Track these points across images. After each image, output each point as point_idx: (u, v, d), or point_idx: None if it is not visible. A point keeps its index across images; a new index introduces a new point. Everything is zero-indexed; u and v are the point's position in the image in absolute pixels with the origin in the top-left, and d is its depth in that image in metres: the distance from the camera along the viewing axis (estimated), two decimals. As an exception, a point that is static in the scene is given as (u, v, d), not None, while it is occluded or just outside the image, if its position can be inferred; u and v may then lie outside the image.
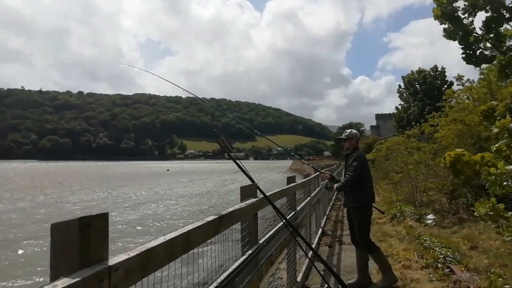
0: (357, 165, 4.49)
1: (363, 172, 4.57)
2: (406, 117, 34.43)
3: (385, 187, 15.11)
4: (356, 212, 4.59)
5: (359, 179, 4.51)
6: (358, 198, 4.54)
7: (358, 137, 4.81)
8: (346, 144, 4.75)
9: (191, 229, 1.44)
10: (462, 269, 4.84)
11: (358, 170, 4.47)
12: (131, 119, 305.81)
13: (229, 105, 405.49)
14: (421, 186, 10.50)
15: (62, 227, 0.90)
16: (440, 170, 10.09)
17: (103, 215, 0.98)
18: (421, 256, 5.72)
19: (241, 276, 2.03)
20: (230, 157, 3.19)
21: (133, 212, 18.08)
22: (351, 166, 4.51)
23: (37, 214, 17.86)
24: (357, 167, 4.48)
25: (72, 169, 73.34)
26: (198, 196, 25.98)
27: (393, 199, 11.17)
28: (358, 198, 4.54)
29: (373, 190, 4.78)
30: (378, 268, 4.75)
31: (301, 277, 4.66)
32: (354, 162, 4.50)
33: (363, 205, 4.59)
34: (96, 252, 0.93)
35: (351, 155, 4.64)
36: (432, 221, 8.11)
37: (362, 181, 4.55)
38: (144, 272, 1.10)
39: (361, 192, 4.54)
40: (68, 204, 21.65)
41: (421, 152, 10.64)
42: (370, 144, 54.63)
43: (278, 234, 3.20)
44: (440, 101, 12.47)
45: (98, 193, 28.00)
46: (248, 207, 2.38)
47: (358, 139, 4.81)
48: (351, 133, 4.78)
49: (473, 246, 5.91)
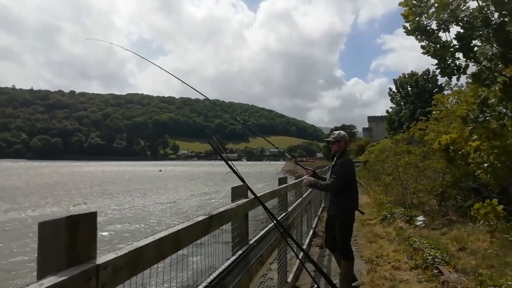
0: (344, 171, 4.36)
1: (349, 179, 4.46)
2: (397, 119, 34.69)
3: (376, 188, 15.23)
4: (341, 218, 4.43)
5: (347, 185, 4.40)
6: (344, 204, 4.40)
7: (347, 139, 4.66)
8: (334, 146, 4.59)
9: (181, 229, 1.45)
10: (450, 270, 4.90)
11: (345, 177, 4.35)
12: (123, 119, 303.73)
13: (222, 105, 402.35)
14: (411, 188, 10.61)
15: (50, 226, 0.90)
16: (430, 172, 10.21)
17: (92, 214, 0.98)
18: (410, 257, 5.78)
19: (231, 276, 2.04)
20: (222, 158, 3.20)
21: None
22: (337, 171, 4.38)
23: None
24: (344, 173, 4.35)
25: (74, 170, 69.43)
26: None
27: (384, 201, 11.25)
28: (344, 205, 4.40)
29: (357, 196, 4.66)
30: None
31: (291, 277, 4.68)
32: (342, 169, 4.37)
33: (349, 212, 4.48)
34: (84, 251, 0.94)
35: (339, 159, 4.51)
36: (422, 222, 8.20)
37: (349, 187, 4.44)
38: (133, 271, 1.10)
39: (349, 198, 4.43)
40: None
41: (411, 155, 10.76)
42: (362, 146, 55.03)
43: (269, 234, 3.22)
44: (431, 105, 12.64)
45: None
46: (239, 207, 2.39)
47: (347, 141, 4.67)
48: (339, 135, 4.62)
49: (461, 247, 5.98)
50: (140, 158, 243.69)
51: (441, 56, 4.83)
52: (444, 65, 4.89)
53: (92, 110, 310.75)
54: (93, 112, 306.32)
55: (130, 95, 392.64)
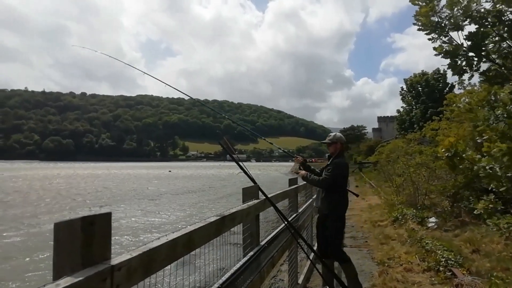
0: (338, 172, 4.29)
1: (342, 180, 4.38)
2: (408, 119, 34.36)
3: (387, 189, 15.09)
4: (334, 220, 4.30)
5: (340, 186, 4.33)
6: (337, 203, 4.32)
7: (343, 141, 4.58)
8: (331, 148, 4.51)
9: (194, 230, 1.44)
10: (464, 272, 4.82)
11: (337, 177, 4.28)
12: (133, 120, 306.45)
13: (231, 107, 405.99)
14: (422, 189, 10.48)
15: (65, 226, 0.91)
16: (441, 173, 10.07)
17: (106, 215, 0.98)
18: (422, 259, 5.70)
19: (243, 278, 2.03)
20: (233, 158, 3.20)
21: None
22: (331, 170, 4.30)
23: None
24: (337, 174, 4.28)
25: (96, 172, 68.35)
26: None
27: (395, 202, 11.14)
28: (337, 203, 4.32)
29: (348, 201, 4.52)
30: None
31: (302, 279, 4.65)
32: (336, 169, 4.29)
33: (342, 214, 4.40)
34: (99, 252, 0.94)
35: (334, 160, 4.43)
36: (434, 224, 8.09)
37: (343, 188, 4.38)
38: (147, 272, 1.10)
39: (340, 198, 4.36)
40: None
41: (423, 155, 10.63)
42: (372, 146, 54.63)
43: (280, 236, 3.20)
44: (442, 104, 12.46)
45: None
46: (250, 208, 2.38)
47: (343, 142, 4.58)
48: (335, 137, 4.54)
49: (475, 249, 5.89)
50: (150, 159, 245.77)
51: (453, 56, 4.76)
52: (455, 64, 4.82)
53: (102, 111, 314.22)
54: (104, 114, 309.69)
55: (139, 96, 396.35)
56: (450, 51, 4.79)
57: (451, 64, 4.98)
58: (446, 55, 4.87)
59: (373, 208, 12.33)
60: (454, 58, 4.86)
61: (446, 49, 4.81)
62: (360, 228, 9.23)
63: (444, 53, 4.87)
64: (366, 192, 18.75)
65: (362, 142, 67.12)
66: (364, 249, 7.05)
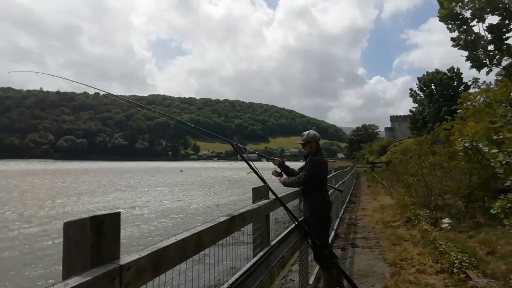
0: (314, 169, 4.13)
1: (319, 178, 4.20)
2: (421, 119, 33.91)
3: (399, 189, 14.91)
4: (316, 222, 4.06)
5: (317, 185, 4.14)
6: (319, 206, 4.11)
7: (318, 139, 4.38)
8: (306, 148, 4.33)
9: (203, 230, 1.44)
10: (479, 274, 4.73)
11: (313, 175, 4.10)
12: (145, 120, 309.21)
13: (242, 106, 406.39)
14: (436, 189, 10.32)
15: (74, 225, 0.91)
16: (455, 173, 9.90)
17: (115, 215, 0.98)
18: (436, 260, 5.61)
19: (253, 278, 2.03)
20: (243, 158, 3.20)
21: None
22: (307, 169, 4.15)
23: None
24: (313, 172, 4.11)
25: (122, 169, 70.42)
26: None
27: (407, 202, 11.00)
28: (320, 206, 4.11)
29: (329, 201, 4.38)
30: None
31: (313, 279, 4.63)
32: (312, 167, 4.13)
33: (324, 214, 4.17)
34: (108, 251, 0.94)
35: (311, 158, 4.24)
36: (447, 225, 7.96)
37: (322, 187, 4.21)
38: (156, 272, 1.10)
39: (323, 198, 4.18)
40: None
41: (436, 156, 10.47)
42: (385, 146, 54.04)
43: (291, 235, 3.19)
44: (456, 104, 12.26)
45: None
46: (260, 208, 2.37)
47: (318, 140, 4.38)
48: (308, 136, 4.35)
49: (490, 251, 5.77)
50: (162, 159, 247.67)
51: (472, 48, 4.64)
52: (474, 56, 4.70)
53: (115, 111, 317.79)
54: (117, 113, 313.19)
55: (151, 96, 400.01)
56: (469, 42, 4.67)
57: (470, 56, 4.85)
58: (465, 47, 4.75)
59: (385, 209, 12.19)
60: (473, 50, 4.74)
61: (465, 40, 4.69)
62: (372, 228, 9.13)
63: (463, 44, 4.75)
64: (378, 192, 18.55)
65: (374, 142, 66.49)
66: (376, 249, 6.98)
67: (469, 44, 4.66)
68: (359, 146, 76.79)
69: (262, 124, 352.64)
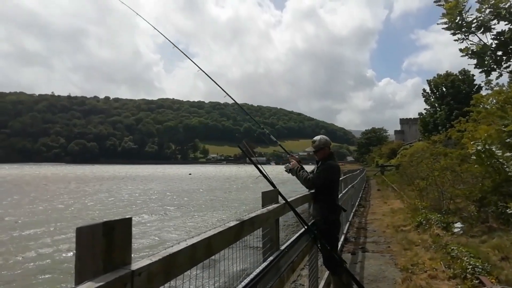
0: (326, 175, 4.11)
1: (331, 184, 4.17)
2: (432, 121, 33.55)
3: (410, 193, 14.74)
4: (323, 223, 4.02)
5: (328, 190, 4.12)
6: (328, 210, 4.08)
7: (329, 144, 4.36)
8: (319, 155, 4.30)
9: (213, 235, 1.45)
10: (493, 280, 4.64)
11: (325, 180, 4.09)
12: (155, 124, 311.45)
13: (251, 109, 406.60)
14: (447, 193, 10.18)
15: (87, 231, 0.92)
16: (467, 176, 9.76)
17: (127, 220, 0.99)
18: (448, 266, 5.53)
19: (263, 282, 2.02)
20: (252, 161, 3.20)
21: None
22: (320, 172, 4.14)
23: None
24: (326, 177, 4.10)
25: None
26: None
27: (418, 206, 10.87)
28: (328, 210, 4.08)
29: (339, 207, 4.32)
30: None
31: (322, 284, 4.59)
32: (324, 172, 4.12)
33: (333, 218, 4.14)
34: (120, 256, 0.95)
35: (324, 162, 4.22)
36: (459, 229, 7.84)
37: (330, 192, 4.17)
38: (167, 277, 1.10)
39: (331, 203, 4.15)
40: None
41: (447, 158, 10.33)
42: (395, 149, 53.56)
43: (300, 240, 3.17)
44: (468, 106, 12.09)
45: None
46: (270, 213, 2.36)
47: (329, 145, 4.36)
48: (320, 143, 4.32)
49: (504, 256, 5.66)
50: (171, 162, 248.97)
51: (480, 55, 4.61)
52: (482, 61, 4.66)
53: (125, 115, 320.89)
54: (126, 117, 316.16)
55: (161, 100, 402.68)
56: (477, 51, 4.65)
57: (479, 62, 4.82)
58: (473, 56, 4.73)
59: (395, 213, 12.06)
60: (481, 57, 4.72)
61: (473, 50, 4.67)
62: (382, 233, 9.04)
63: (471, 53, 4.73)
64: (389, 196, 18.37)
65: (384, 145, 66.00)
66: (387, 254, 6.90)
67: (477, 52, 4.62)
68: (369, 149, 76.31)
69: (271, 127, 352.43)
